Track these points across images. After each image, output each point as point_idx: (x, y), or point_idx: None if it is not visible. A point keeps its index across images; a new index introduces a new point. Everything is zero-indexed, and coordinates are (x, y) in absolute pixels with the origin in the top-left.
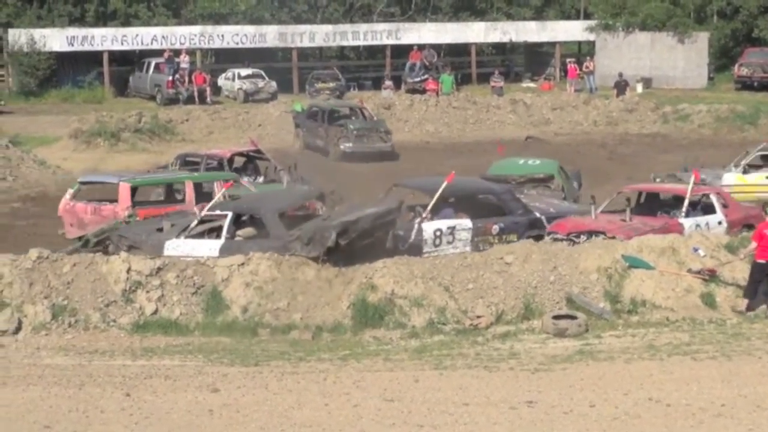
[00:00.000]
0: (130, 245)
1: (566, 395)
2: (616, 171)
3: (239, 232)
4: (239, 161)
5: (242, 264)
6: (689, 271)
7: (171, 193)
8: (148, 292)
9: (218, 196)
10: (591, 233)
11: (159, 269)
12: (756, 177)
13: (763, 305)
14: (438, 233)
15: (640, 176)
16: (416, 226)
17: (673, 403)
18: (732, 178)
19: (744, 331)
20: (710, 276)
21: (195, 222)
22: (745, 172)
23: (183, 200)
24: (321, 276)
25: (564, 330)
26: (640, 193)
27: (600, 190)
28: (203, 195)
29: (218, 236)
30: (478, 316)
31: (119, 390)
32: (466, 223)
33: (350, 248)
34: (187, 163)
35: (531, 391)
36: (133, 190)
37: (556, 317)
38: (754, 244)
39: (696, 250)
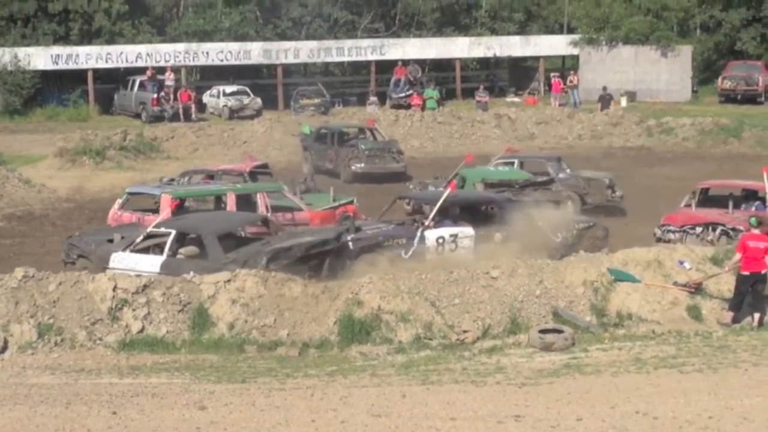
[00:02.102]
0: (80, 254)
1: (553, 409)
2: None
3: (181, 250)
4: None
5: (228, 281)
6: (675, 283)
7: (218, 205)
8: (134, 310)
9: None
10: (707, 225)
11: (145, 287)
12: None
13: (748, 317)
14: (440, 241)
15: (623, 190)
16: (419, 233)
17: (660, 416)
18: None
19: (730, 344)
20: (696, 289)
21: (141, 237)
22: None
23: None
24: (307, 292)
25: (550, 344)
26: (700, 190)
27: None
28: (247, 206)
29: (161, 252)
30: (465, 331)
31: (106, 408)
32: (469, 230)
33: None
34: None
35: (518, 405)
36: (182, 202)
37: (543, 331)
38: (738, 256)
39: (682, 263)
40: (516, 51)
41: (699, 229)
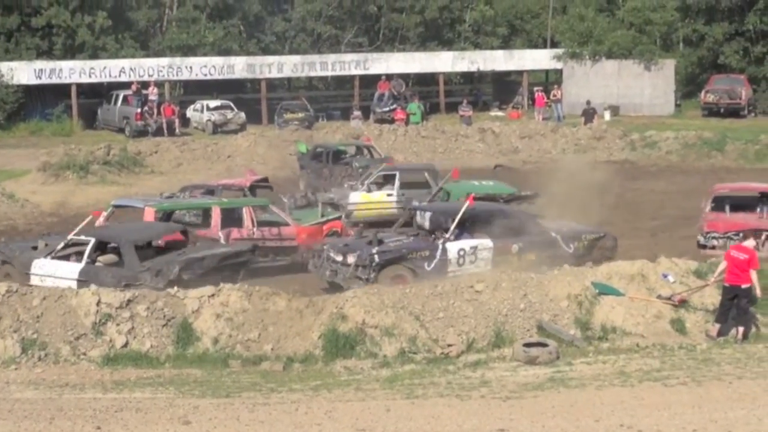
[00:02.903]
0: (4, 260)
1: (538, 423)
2: (582, 199)
3: (100, 258)
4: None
5: (212, 295)
6: (659, 297)
7: (205, 219)
8: (118, 324)
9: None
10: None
11: (129, 301)
12: (379, 195)
13: (733, 330)
14: (461, 253)
15: (608, 203)
16: (440, 246)
17: (645, 429)
18: (357, 196)
19: (714, 357)
20: (681, 303)
21: (62, 244)
22: (369, 191)
23: (208, 225)
24: (291, 306)
25: (535, 357)
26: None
27: (568, 217)
28: (233, 220)
29: (81, 260)
30: (449, 345)
31: (90, 423)
32: (487, 242)
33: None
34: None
35: (503, 419)
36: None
37: (527, 345)
38: (723, 265)
39: (665, 276)
40: (500, 65)
41: (741, 235)
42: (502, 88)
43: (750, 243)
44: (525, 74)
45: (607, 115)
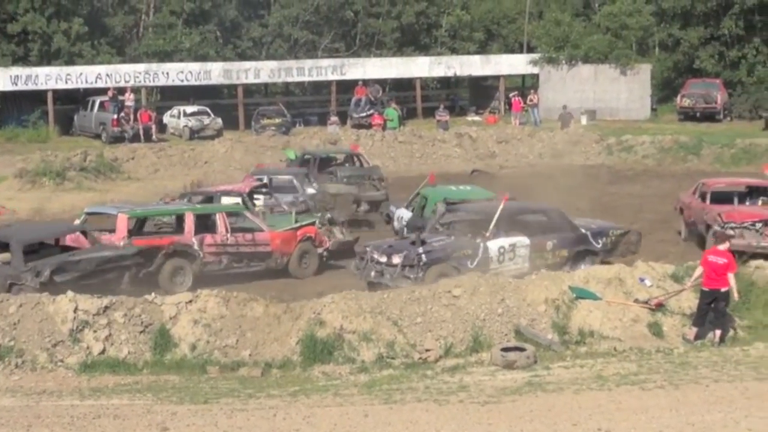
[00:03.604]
0: None
1: (516, 427)
2: (562, 202)
3: (0, 256)
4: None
5: (190, 301)
6: (636, 301)
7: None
8: (95, 331)
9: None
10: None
11: (106, 308)
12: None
13: (710, 333)
14: (502, 250)
15: (585, 207)
16: (482, 244)
17: None
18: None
19: (691, 360)
20: (658, 307)
21: None
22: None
23: (182, 231)
24: (269, 312)
25: (513, 362)
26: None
27: None
28: (207, 226)
29: None
30: (427, 350)
31: (67, 431)
32: (524, 240)
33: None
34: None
35: (481, 423)
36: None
37: (505, 349)
38: (700, 270)
39: (642, 280)
40: (476, 70)
41: (759, 225)
42: (478, 93)
43: (725, 246)
44: (502, 79)
45: (584, 120)
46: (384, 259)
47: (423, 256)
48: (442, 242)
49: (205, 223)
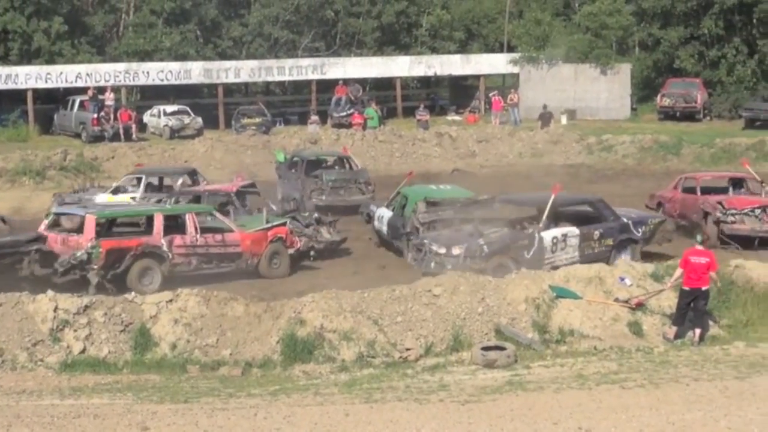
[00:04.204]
0: None
1: (496, 426)
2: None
3: None
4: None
5: (170, 300)
6: (616, 300)
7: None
8: (75, 330)
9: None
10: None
11: (86, 307)
12: (123, 197)
13: (689, 332)
14: (555, 240)
15: None
16: (537, 235)
17: None
18: (104, 198)
19: (671, 359)
20: (638, 307)
21: None
22: (114, 192)
23: (150, 232)
24: (250, 311)
25: (493, 361)
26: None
27: None
28: (177, 227)
29: None
30: (408, 349)
31: (47, 430)
32: (575, 230)
33: None
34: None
35: (461, 422)
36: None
37: (485, 348)
38: (680, 271)
39: (622, 279)
40: (456, 69)
41: (758, 211)
42: (459, 93)
43: (702, 246)
44: (482, 78)
45: (564, 119)
46: (443, 251)
47: (485, 247)
48: (499, 233)
49: (174, 224)
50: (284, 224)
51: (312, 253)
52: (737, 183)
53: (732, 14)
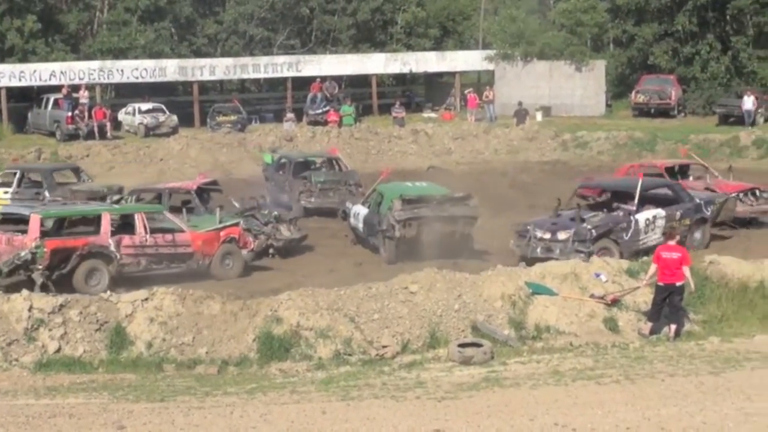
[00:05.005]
0: None
1: (473, 423)
2: (517, 199)
3: None
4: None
5: (146, 299)
6: (592, 296)
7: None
8: (50, 330)
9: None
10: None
11: (61, 306)
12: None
13: (665, 328)
14: (647, 222)
15: (541, 203)
16: (633, 218)
17: (579, 428)
18: None
19: (647, 355)
20: (613, 303)
21: None
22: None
23: (98, 232)
24: (226, 309)
25: (470, 358)
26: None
27: (502, 218)
28: (126, 227)
29: None
30: (384, 346)
31: (23, 430)
32: (661, 212)
33: None
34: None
35: (438, 419)
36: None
37: (462, 345)
38: (654, 267)
39: (598, 275)
40: (432, 67)
41: (741, 194)
42: (434, 90)
43: (675, 240)
44: (457, 75)
45: (539, 116)
46: (548, 236)
47: (593, 231)
48: (599, 217)
49: (122, 224)
50: (237, 224)
51: (271, 251)
52: (682, 170)
53: (706, 11)
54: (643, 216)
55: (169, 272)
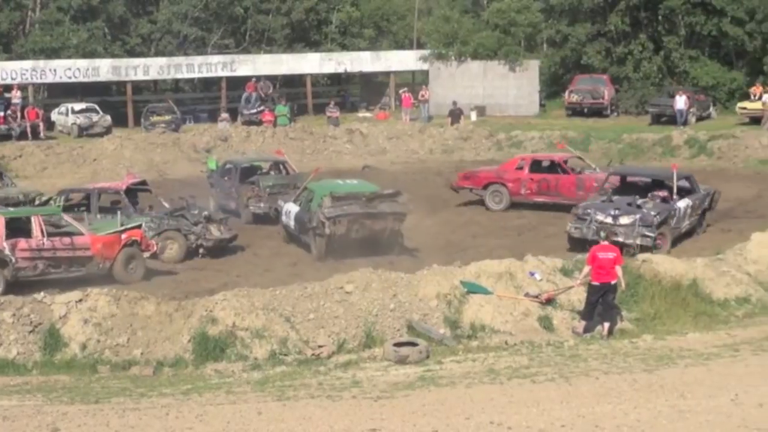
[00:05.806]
0: None
1: (409, 422)
2: (452, 198)
3: None
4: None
5: (80, 300)
6: (526, 295)
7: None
8: None
9: None
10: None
11: None
12: None
13: (599, 326)
14: (686, 210)
15: (476, 201)
16: (675, 206)
17: (514, 426)
18: None
19: (581, 353)
20: (547, 302)
21: None
22: None
23: None
24: (161, 310)
25: (405, 357)
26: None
27: (437, 217)
28: (22, 230)
29: None
30: (320, 346)
31: None
32: (689, 201)
33: None
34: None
35: (374, 418)
36: None
37: (397, 344)
38: (588, 268)
39: (532, 274)
40: (367, 66)
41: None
42: (369, 89)
43: (607, 241)
44: (392, 75)
45: (474, 116)
46: (610, 221)
47: (657, 217)
48: (652, 204)
49: (18, 227)
50: (139, 227)
51: (201, 251)
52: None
53: (638, 11)
54: (683, 203)
55: (68, 276)
